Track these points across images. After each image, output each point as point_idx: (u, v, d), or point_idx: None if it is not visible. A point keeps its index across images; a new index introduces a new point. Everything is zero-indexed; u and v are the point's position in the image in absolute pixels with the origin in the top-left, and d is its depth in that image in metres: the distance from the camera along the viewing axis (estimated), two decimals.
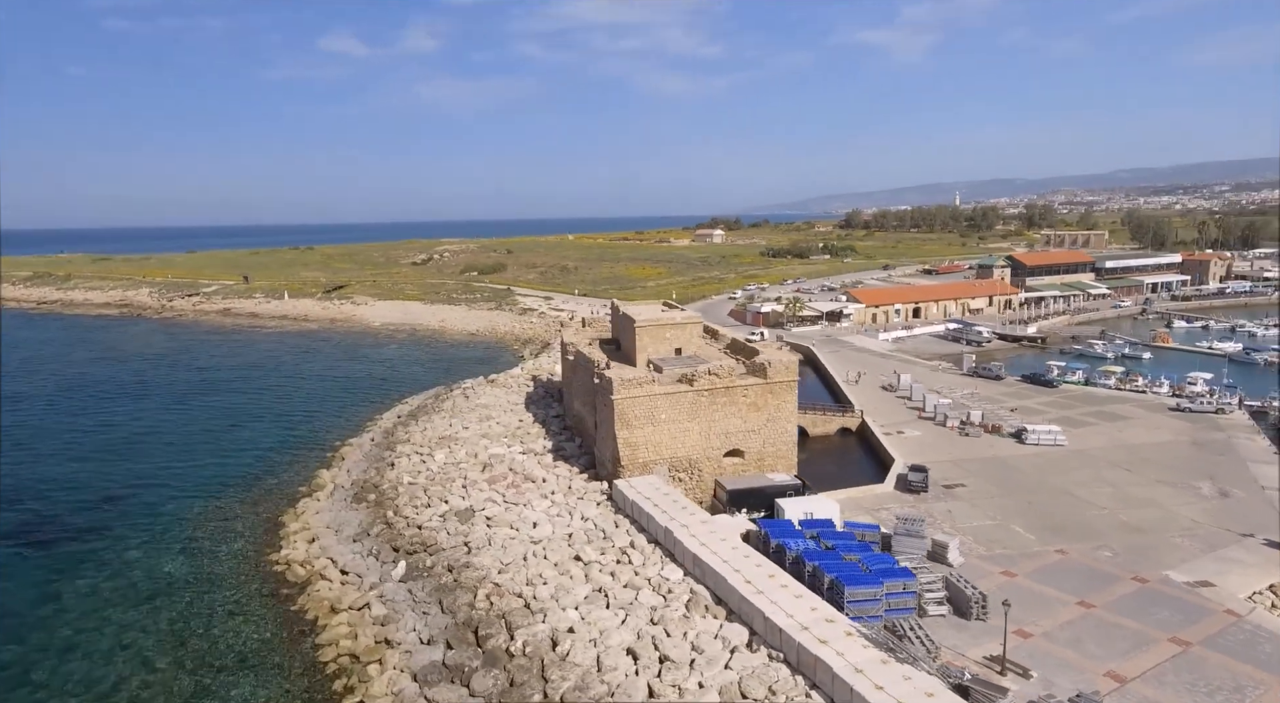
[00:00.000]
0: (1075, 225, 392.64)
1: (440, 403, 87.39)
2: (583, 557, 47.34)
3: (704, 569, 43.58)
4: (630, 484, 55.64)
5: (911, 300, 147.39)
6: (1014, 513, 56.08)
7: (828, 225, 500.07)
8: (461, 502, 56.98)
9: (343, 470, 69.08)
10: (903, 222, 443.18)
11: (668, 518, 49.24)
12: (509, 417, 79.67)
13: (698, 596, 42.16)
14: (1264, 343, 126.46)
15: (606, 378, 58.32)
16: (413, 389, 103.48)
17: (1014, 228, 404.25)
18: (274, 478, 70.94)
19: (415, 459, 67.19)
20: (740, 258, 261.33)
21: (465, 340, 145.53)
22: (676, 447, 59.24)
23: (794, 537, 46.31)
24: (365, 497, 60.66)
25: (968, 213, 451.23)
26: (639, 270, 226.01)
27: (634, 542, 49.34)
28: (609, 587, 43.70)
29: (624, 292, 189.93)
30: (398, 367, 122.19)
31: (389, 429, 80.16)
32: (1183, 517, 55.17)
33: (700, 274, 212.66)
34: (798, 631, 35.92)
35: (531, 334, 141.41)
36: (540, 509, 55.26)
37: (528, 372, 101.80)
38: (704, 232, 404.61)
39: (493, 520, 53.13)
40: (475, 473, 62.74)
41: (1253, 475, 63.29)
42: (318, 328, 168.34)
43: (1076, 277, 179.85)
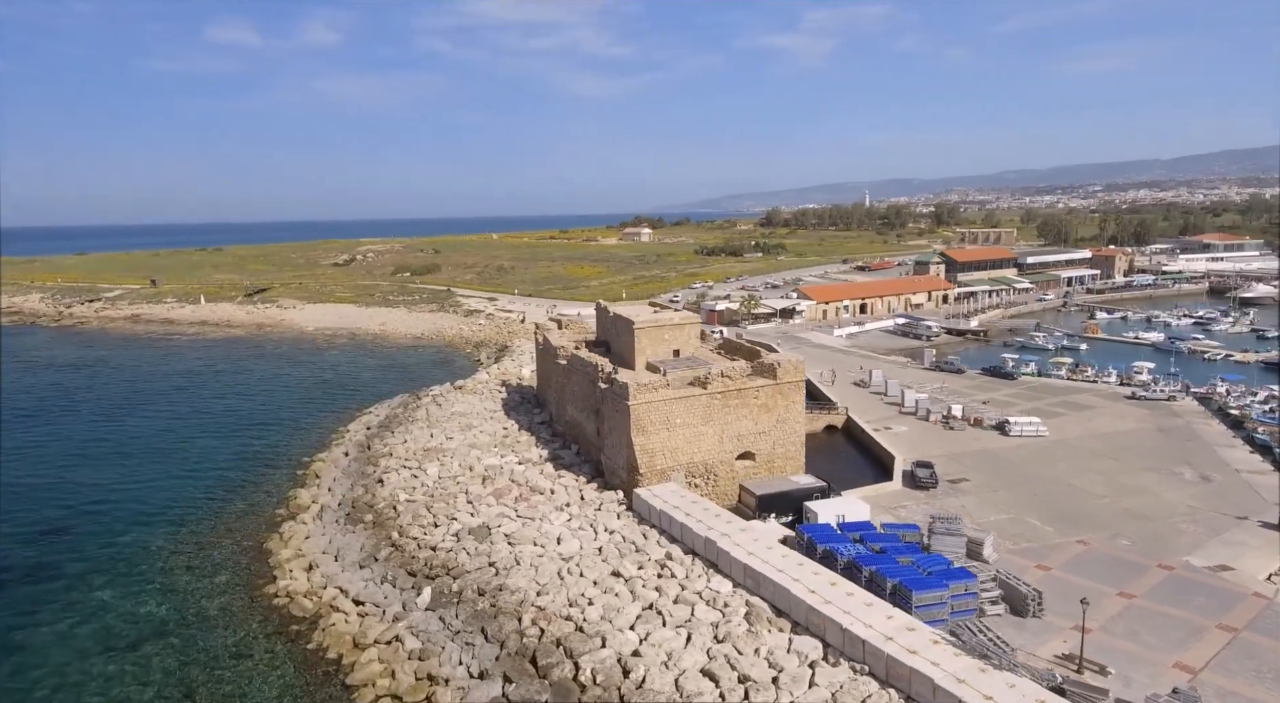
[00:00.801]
0: (980, 223, 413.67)
1: (412, 412, 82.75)
2: (622, 572, 45.11)
3: (758, 580, 42.15)
4: (653, 493, 53.68)
5: (858, 297, 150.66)
6: (1024, 506, 57.19)
7: (748, 224, 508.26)
8: (471, 518, 53.63)
9: (324, 489, 64.16)
10: (821, 220, 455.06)
11: (705, 527, 47.57)
12: (491, 425, 76.12)
13: (755, 608, 40.70)
14: (1179, 332, 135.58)
15: (620, 383, 56.10)
16: (372, 398, 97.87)
17: (925, 225, 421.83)
18: (242, 500, 65.22)
19: (406, 474, 63.06)
20: (675, 256, 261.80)
21: (411, 344, 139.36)
22: (693, 452, 57.63)
23: (839, 541, 45.54)
24: (360, 517, 56.32)
25: (881, 211, 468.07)
26: (578, 270, 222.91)
27: (670, 553, 47.46)
28: (659, 604, 41.68)
29: (567, 291, 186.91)
30: (347, 374, 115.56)
31: (362, 442, 75.17)
32: (1178, 502, 57.56)
33: (641, 273, 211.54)
34: (882, 641, 34.96)
35: (483, 337, 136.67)
36: (559, 523, 52.61)
37: (495, 377, 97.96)
38: (631, 230, 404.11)
39: (513, 537, 50.12)
40: (476, 487, 59.31)
41: (1223, 459, 66.85)
42: (245, 334, 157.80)
43: (1001, 272, 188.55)
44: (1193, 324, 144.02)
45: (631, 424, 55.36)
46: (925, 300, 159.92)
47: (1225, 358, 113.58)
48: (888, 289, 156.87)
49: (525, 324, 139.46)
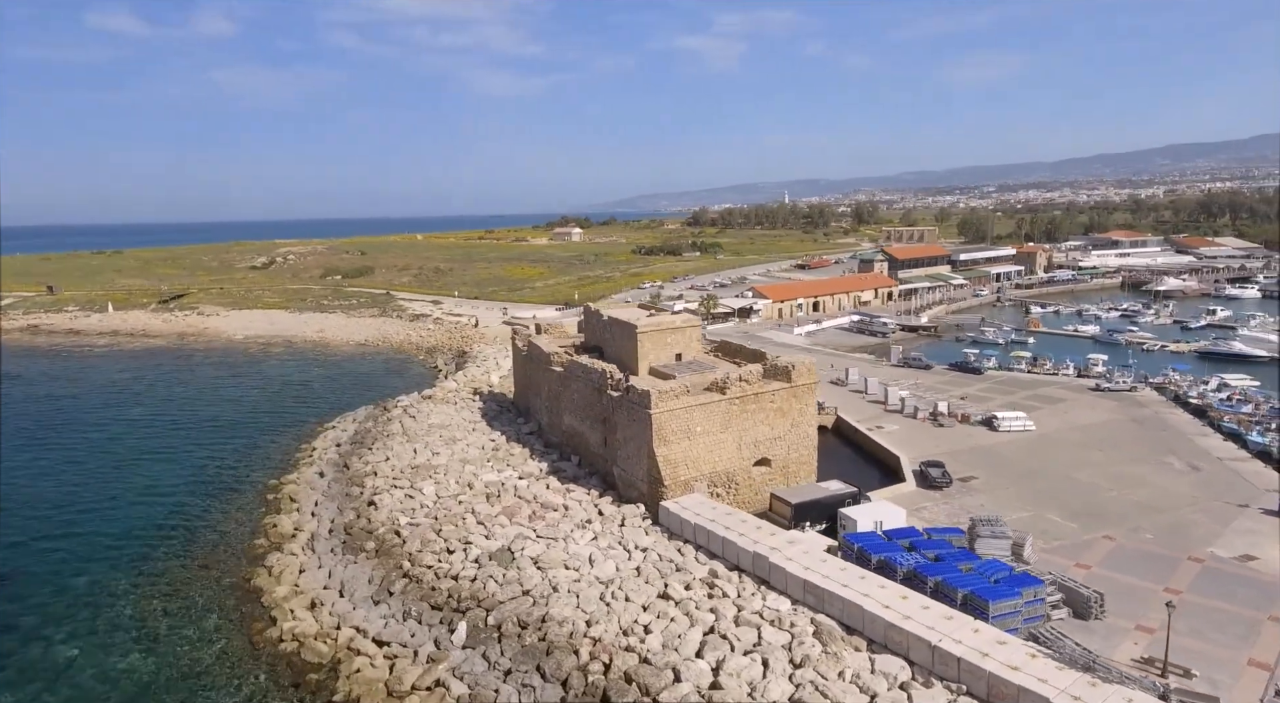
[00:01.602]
0: (897, 222, 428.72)
1: (384, 425, 77.22)
2: (671, 594, 42.35)
3: (821, 596, 40.19)
4: (682, 506, 51.08)
5: (812, 295, 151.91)
6: (1039, 502, 57.42)
7: (675, 223, 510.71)
8: (488, 541, 49.66)
9: (306, 515, 58.55)
10: (747, 219, 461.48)
11: (750, 541, 45.32)
12: (477, 437, 71.72)
13: (823, 626, 38.70)
14: (1109, 324, 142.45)
15: (640, 390, 53.21)
16: (329, 410, 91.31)
17: (847, 225, 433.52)
18: (210, 530, 58.90)
19: (399, 495, 58.23)
20: (613, 256, 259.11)
21: (357, 352, 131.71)
22: (715, 460, 55.32)
23: (890, 549, 44.11)
24: (359, 545, 51.39)
25: (804, 210, 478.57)
26: (519, 271, 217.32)
27: (714, 571, 44.99)
28: (720, 627, 39.15)
29: (513, 293, 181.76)
30: (295, 385, 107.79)
31: (337, 461, 69.45)
32: (1179, 493, 58.98)
33: (585, 273, 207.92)
34: (979, 658, 33.52)
35: (435, 342, 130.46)
36: (584, 542, 49.32)
37: (465, 385, 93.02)
38: (561, 230, 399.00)
39: (541, 561, 46.56)
40: (483, 506, 55.22)
41: (1202, 448, 69.25)
42: (166, 345, 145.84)
43: (937, 269, 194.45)
44: (1119, 317, 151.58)
45: (653, 434, 52.58)
46: (873, 297, 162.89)
47: (1162, 348, 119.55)
48: (838, 287, 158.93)
49: (480, 328, 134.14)
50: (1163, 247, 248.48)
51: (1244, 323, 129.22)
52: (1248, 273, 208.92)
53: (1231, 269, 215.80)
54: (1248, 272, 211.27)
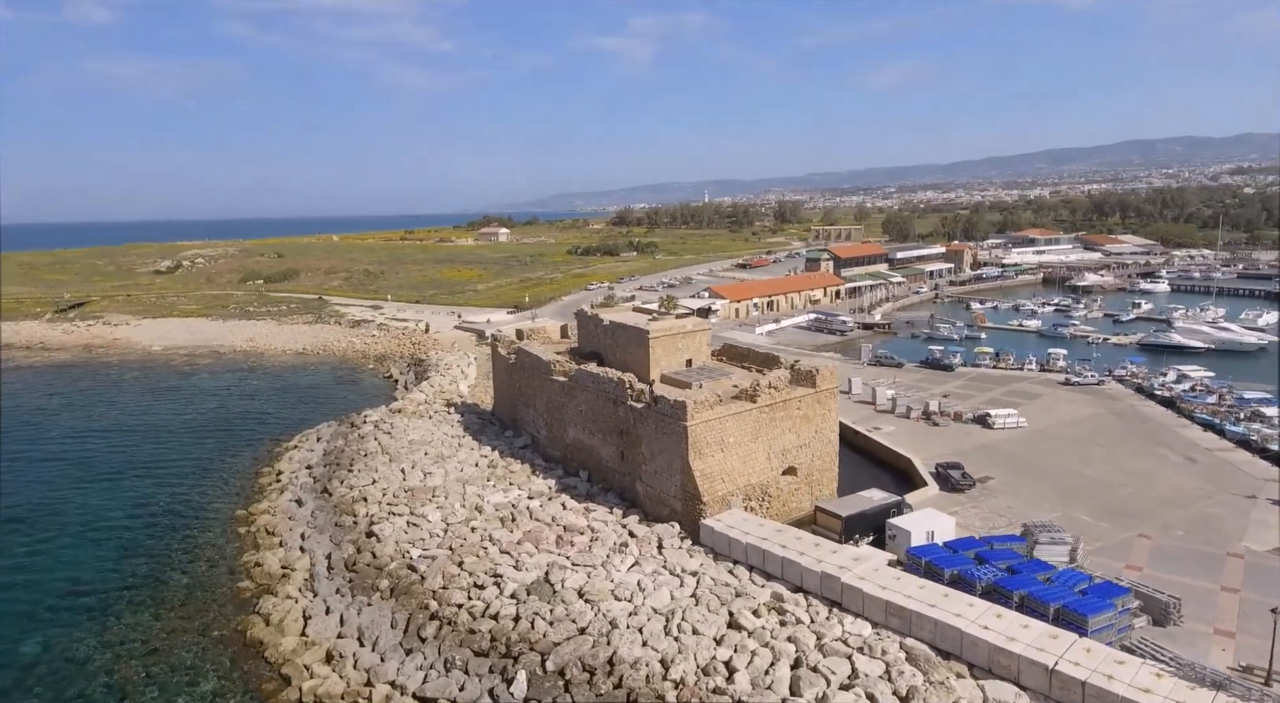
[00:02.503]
0: (819, 221, 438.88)
1: (358, 443, 70.64)
2: (742, 623, 39.06)
3: (908, 618, 37.74)
4: (726, 523, 47.88)
5: (767, 294, 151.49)
6: (1063, 501, 57.00)
7: (600, 223, 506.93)
8: (519, 572, 45.05)
9: (293, 550, 52.10)
10: (673, 219, 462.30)
11: (813, 561, 42.54)
12: (466, 454, 66.43)
13: (916, 652, 36.25)
14: (1045, 318, 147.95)
15: (674, 401, 49.67)
16: (283, 428, 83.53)
17: (771, 224, 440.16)
18: (178, 572, 51.73)
19: (401, 523, 52.65)
20: (549, 257, 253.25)
21: (296, 362, 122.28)
22: (749, 473, 52.34)
23: (958, 562, 42.18)
24: (370, 584, 45.76)
25: (728, 210, 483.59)
26: (455, 273, 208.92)
27: (778, 594, 41.98)
28: (809, 659, 36.14)
29: (455, 296, 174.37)
30: (237, 401, 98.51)
31: (312, 486, 62.77)
32: (1188, 486, 59.83)
33: (526, 275, 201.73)
34: (1105, 681, 31.68)
35: (384, 350, 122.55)
36: (626, 568, 45.43)
37: (434, 396, 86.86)
38: (488, 230, 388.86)
39: (587, 592, 42.41)
40: (501, 532, 50.40)
41: (1189, 440, 70.98)
42: (72, 358, 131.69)
43: (876, 267, 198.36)
44: (1054, 311, 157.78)
45: (689, 447, 49.15)
46: (822, 296, 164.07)
47: (1105, 341, 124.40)
48: (790, 286, 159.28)
49: (432, 335, 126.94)
50: (1073, 244, 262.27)
51: (1182, 316, 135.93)
52: (1152, 268, 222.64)
53: (1139, 264, 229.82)
54: (1152, 267, 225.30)
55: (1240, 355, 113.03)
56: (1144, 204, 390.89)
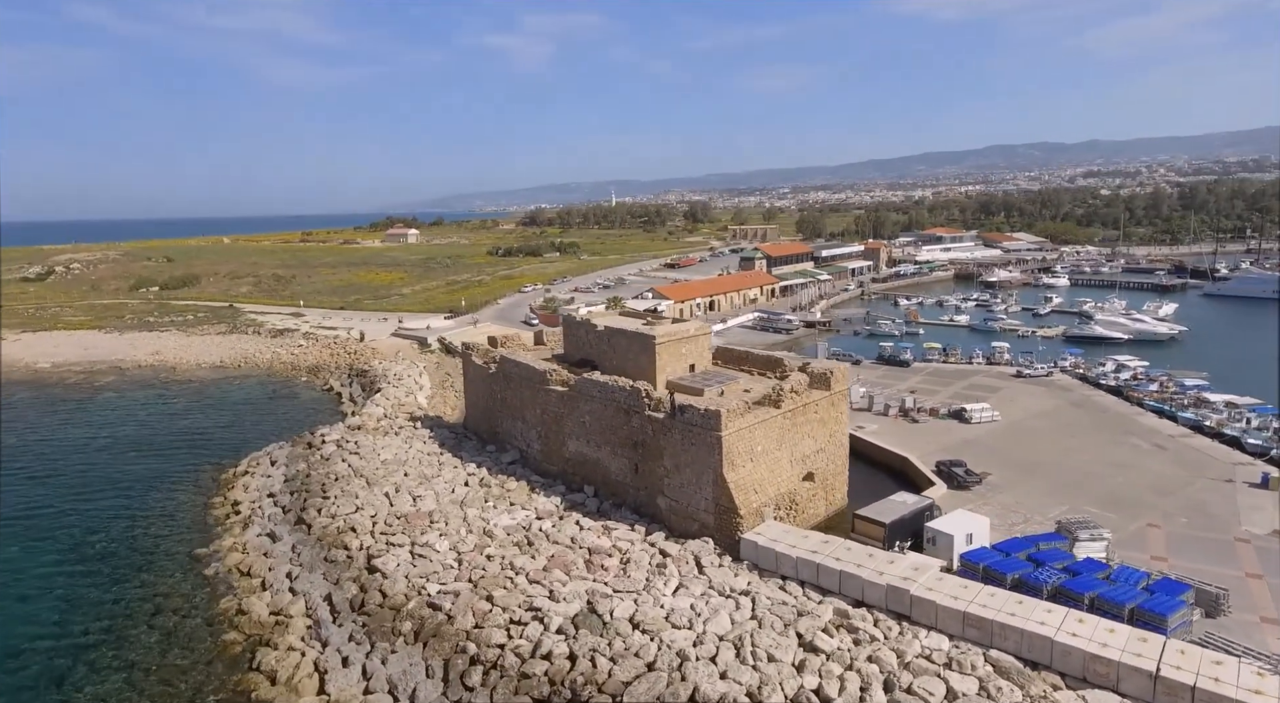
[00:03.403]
0: (730, 221, 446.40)
1: (324, 466, 64.15)
2: (819, 645, 36.87)
3: (989, 629, 36.56)
4: (768, 537, 45.66)
5: (708, 294, 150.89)
6: (1067, 494, 57.79)
7: (510, 223, 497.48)
8: (557, 603, 41.24)
9: (282, 592, 46.06)
10: (585, 219, 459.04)
11: (874, 573, 40.89)
12: (452, 473, 61.45)
13: (1004, 665, 35.06)
14: (970, 313, 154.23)
15: (705, 410, 47.03)
16: (222, 453, 75.34)
17: (683, 224, 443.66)
18: (140, 626, 44.82)
19: (404, 555, 47.58)
20: (469, 258, 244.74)
21: (217, 376, 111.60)
22: (776, 482, 50.38)
23: (1014, 565, 41.53)
24: (389, 627, 40.78)
25: (640, 210, 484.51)
26: (374, 276, 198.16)
27: (841, 610, 40.07)
28: (901, 680, 34.32)
29: (379, 301, 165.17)
30: (160, 421, 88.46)
31: (281, 517, 56.31)
32: (1168, 473, 62.06)
33: (452, 278, 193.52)
34: (1213, 684, 31.23)
35: (316, 361, 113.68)
36: (670, 591, 42.44)
37: (394, 410, 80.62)
38: (395, 232, 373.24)
39: (640, 622, 39.17)
40: (522, 559, 46.30)
41: (1150, 427, 74.21)
42: None
43: (803, 265, 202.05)
44: (975, 306, 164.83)
45: (723, 458, 46.66)
46: (759, 295, 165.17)
47: (1033, 333, 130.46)
48: (730, 286, 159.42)
49: (369, 343, 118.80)
50: (975, 241, 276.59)
51: (1101, 309, 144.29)
52: (1049, 264, 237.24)
53: (1037, 261, 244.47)
54: (1048, 263, 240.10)
55: (1156, 344, 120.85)
56: (1025, 204, 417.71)
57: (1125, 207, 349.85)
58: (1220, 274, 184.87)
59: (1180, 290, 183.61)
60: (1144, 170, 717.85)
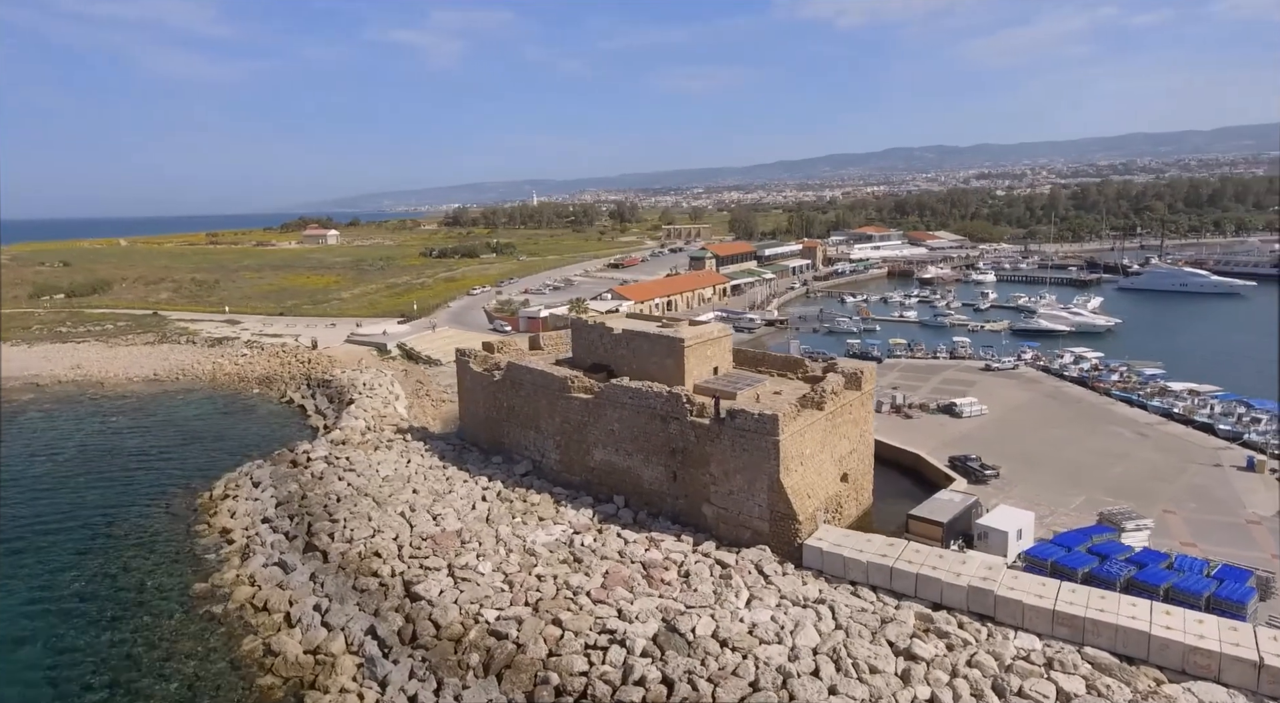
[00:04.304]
0: (658, 220, 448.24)
1: (318, 486, 59.29)
2: (918, 653, 36.09)
3: (1080, 626, 36.61)
4: (834, 542, 44.74)
5: (665, 294, 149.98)
6: (1079, 484, 59.12)
7: (432, 223, 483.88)
8: (630, 624, 38.97)
9: (315, 629, 41.87)
10: (511, 219, 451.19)
11: (951, 574, 40.54)
12: (465, 488, 57.94)
13: (1104, 662, 35.10)
14: (922, 309, 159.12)
15: (760, 414, 45.70)
16: (188, 473, 69.12)
17: (610, 224, 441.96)
18: (152, 678, 39.88)
19: (443, 579, 44.21)
20: (402, 260, 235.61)
21: (154, 391, 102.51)
22: (824, 484, 49.64)
23: (1083, 560, 41.95)
24: (456, 660, 37.56)
25: (565, 210, 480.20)
26: (304, 280, 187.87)
27: (923, 615, 39.52)
28: (1009, 684, 33.88)
29: (317, 306, 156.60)
30: (102, 442, 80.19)
31: (285, 544, 51.55)
32: (1159, 460, 64.51)
33: (392, 281, 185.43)
34: None
35: (269, 371, 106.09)
36: (743, 604, 40.90)
37: (375, 422, 75.78)
38: (313, 233, 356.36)
39: (725, 638, 37.44)
40: (575, 577, 43.74)
41: (1125, 416, 77.33)
42: None
43: (748, 265, 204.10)
44: (918, 302, 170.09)
45: (780, 464, 45.48)
46: (712, 294, 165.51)
47: (982, 328, 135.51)
48: (684, 285, 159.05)
49: (323, 350, 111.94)
50: (902, 240, 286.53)
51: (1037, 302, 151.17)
52: (972, 261, 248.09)
53: (962, 258, 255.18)
54: (972, 260, 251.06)
55: (1095, 336, 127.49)
56: (937, 204, 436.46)
57: (1026, 206, 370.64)
58: (1133, 270, 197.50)
59: (1096, 285, 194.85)
60: (1029, 172, 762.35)
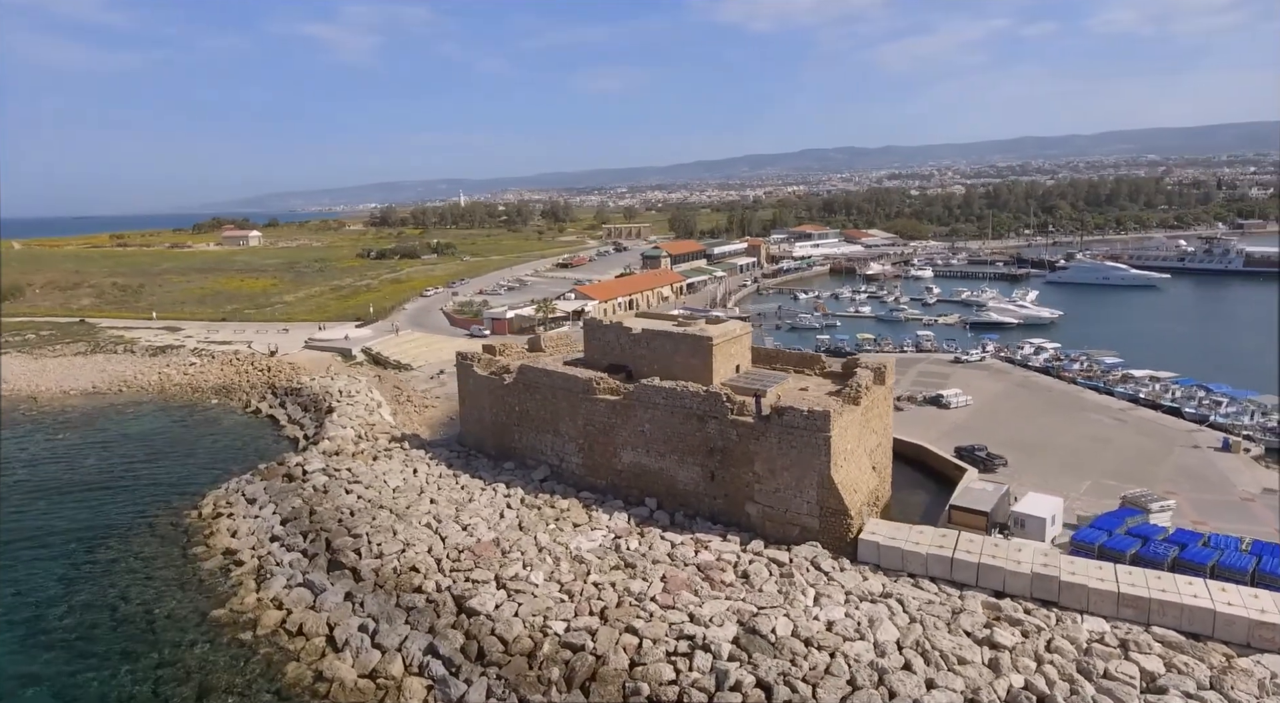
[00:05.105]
0: (593, 219, 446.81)
1: (324, 500, 55.80)
2: (1000, 640, 36.58)
3: (1145, 607, 37.80)
4: (889, 536, 44.95)
5: (627, 293, 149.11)
6: (1082, 472, 60.95)
7: (357, 224, 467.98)
8: (705, 628, 38.10)
9: (367, 653, 39.23)
10: (442, 218, 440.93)
11: (1012, 562, 41.34)
12: (485, 495, 55.77)
13: (1174, 640, 36.32)
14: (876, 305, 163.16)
15: (809, 411, 45.57)
16: (166, 492, 64.31)
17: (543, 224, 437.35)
18: None
19: (494, 592, 42.26)
20: (338, 262, 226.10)
21: (98, 405, 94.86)
22: (867, 479, 49.98)
23: (1128, 543, 43.42)
24: (536, 676, 35.82)
25: (502, 209, 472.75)
26: (240, 283, 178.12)
27: (989, 604, 40.13)
28: (1094, 667, 34.66)
29: (261, 311, 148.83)
30: (55, 464, 73.55)
31: (309, 565, 48.32)
32: (1142, 444, 67.28)
33: (336, 283, 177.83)
34: None
35: (224, 381, 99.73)
36: (811, 601, 40.65)
37: (365, 430, 72.21)
38: (233, 234, 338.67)
39: (814, 640, 37.05)
40: (634, 583, 42.56)
41: (1098, 403, 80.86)
42: None
43: (698, 263, 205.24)
44: (868, 298, 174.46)
45: (831, 460, 45.48)
46: (669, 293, 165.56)
47: (937, 321, 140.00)
48: (644, 284, 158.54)
49: (283, 357, 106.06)
50: (839, 238, 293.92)
51: (981, 295, 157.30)
52: (907, 257, 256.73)
53: (898, 255, 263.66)
54: (906, 256, 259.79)
55: (1041, 327, 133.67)
56: (863, 203, 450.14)
57: (944, 205, 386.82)
58: (1059, 264, 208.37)
59: (1027, 279, 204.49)
60: (936, 173, 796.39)
